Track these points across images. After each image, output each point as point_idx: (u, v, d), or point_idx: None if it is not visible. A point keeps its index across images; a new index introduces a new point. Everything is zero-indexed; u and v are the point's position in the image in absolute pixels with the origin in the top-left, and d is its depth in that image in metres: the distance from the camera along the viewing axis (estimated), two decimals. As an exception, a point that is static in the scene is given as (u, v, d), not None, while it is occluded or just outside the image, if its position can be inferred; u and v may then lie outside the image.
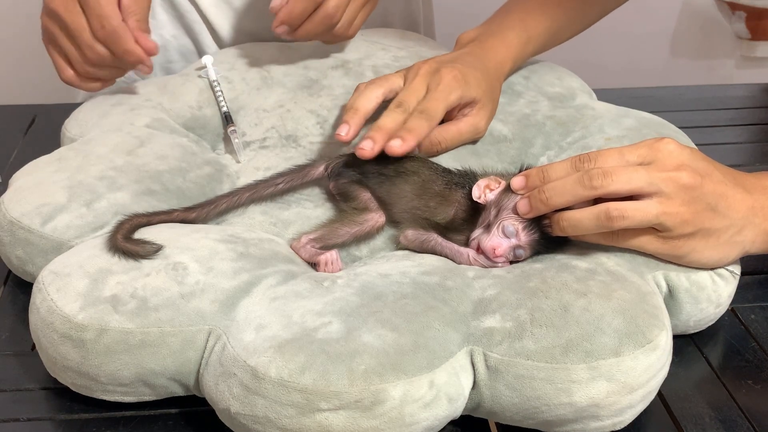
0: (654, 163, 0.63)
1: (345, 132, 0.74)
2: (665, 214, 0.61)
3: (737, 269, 0.68)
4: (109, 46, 0.82)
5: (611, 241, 0.64)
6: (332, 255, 0.68)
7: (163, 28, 1.03)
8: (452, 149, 0.80)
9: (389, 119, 0.74)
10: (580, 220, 0.63)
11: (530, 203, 0.65)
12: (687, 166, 0.62)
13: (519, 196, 0.66)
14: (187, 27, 1.03)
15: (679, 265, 0.65)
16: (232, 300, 0.61)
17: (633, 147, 0.64)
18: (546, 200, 0.64)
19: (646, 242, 0.64)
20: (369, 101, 0.77)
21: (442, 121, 0.78)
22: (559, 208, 0.64)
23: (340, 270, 0.67)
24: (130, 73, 1.05)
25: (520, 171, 0.68)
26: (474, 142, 0.81)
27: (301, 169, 0.75)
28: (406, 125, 0.74)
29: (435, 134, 0.78)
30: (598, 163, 0.63)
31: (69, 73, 0.84)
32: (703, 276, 0.66)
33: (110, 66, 0.84)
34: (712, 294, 0.66)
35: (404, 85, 0.79)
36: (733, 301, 0.69)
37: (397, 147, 0.72)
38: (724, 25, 2.15)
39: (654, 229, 0.63)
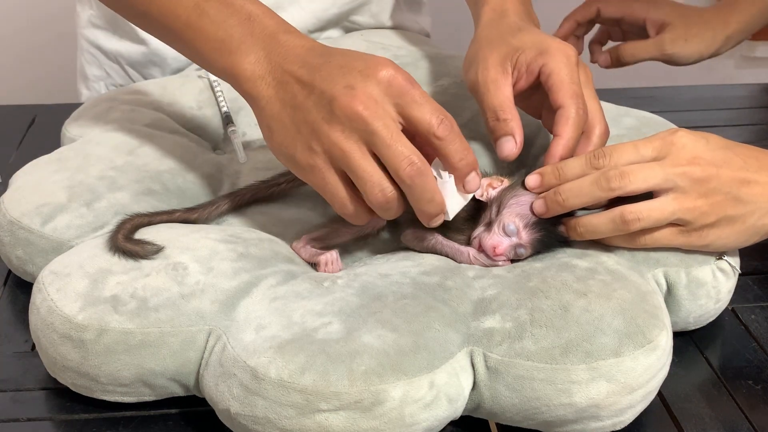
0: (668, 156, 0.63)
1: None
2: (682, 210, 0.62)
3: (737, 263, 0.68)
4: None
5: (635, 243, 0.65)
6: (332, 255, 0.68)
7: None
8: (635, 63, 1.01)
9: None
10: (596, 225, 0.64)
11: (546, 204, 0.64)
12: (701, 158, 0.62)
13: (520, 195, 0.66)
14: None
15: (689, 252, 0.65)
16: (232, 300, 0.61)
17: (647, 140, 0.64)
18: (563, 201, 0.64)
19: (671, 238, 0.64)
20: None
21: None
22: (575, 209, 0.64)
23: (340, 270, 0.67)
24: (126, 78, 1.06)
25: (526, 173, 0.68)
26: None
27: (301, 169, 0.74)
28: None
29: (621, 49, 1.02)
30: (614, 160, 0.63)
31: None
32: (705, 271, 0.66)
33: None
34: (711, 290, 0.66)
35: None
36: (733, 301, 0.70)
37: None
38: (725, 25, 2.14)
39: (676, 224, 0.63)
